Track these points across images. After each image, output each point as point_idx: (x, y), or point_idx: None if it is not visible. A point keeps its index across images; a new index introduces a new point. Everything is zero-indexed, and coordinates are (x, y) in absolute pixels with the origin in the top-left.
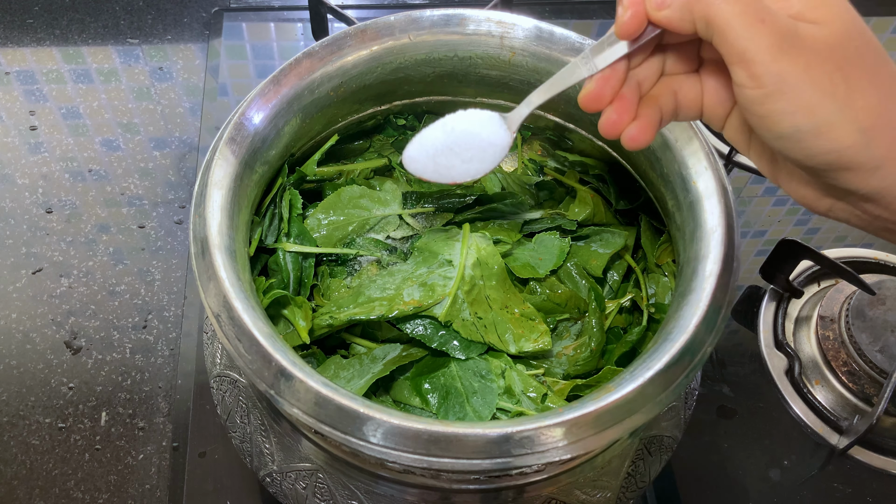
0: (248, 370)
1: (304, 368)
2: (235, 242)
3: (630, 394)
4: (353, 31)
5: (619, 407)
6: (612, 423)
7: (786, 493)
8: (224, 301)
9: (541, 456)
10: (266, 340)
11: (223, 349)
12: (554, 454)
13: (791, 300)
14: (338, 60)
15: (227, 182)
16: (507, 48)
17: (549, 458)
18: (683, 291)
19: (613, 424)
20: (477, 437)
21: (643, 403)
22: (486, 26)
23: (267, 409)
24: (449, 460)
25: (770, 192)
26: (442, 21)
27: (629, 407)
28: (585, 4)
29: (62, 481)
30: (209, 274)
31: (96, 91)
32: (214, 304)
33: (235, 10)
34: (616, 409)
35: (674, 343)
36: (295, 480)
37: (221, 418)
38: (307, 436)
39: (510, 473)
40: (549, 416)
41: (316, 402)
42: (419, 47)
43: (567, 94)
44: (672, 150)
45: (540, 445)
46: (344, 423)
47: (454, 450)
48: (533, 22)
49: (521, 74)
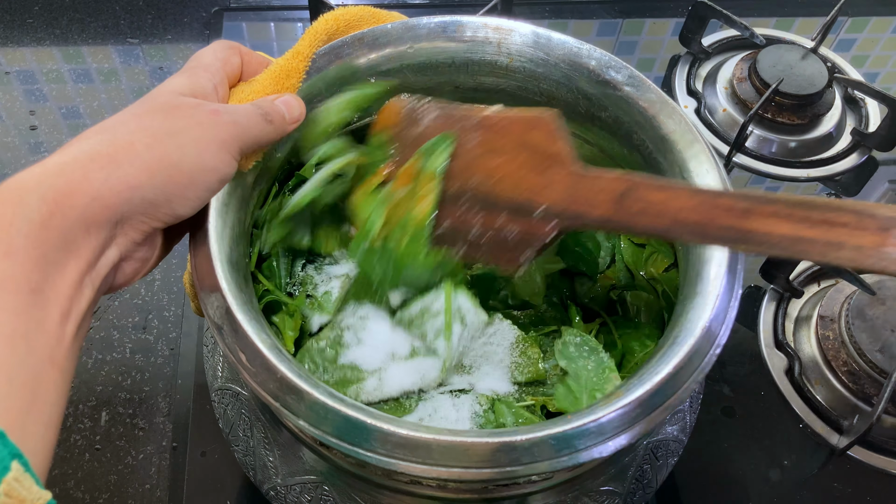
0: (251, 382)
1: (309, 379)
2: (237, 253)
3: (638, 399)
4: (351, 40)
5: (626, 413)
6: (619, 429)
7: (786, 493)
8: (226, 312)
9: (548, 464)
10: (270, 352)
11: (224, 362)
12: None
13: (791, 300)
14: (336, 71)
15: (227, 193)
16: (504, 54)
17: (556, 467)
18: (688, 295)
19: (621, 431)
20: (483, 445)
21: (651, 409)
22: (484, 32)
23: (270, 422)
24: (457, 470)
25: (770, 191)
26: (439, 28)
27: (637, 413)
28: (585, 4)
29: (62, 481)
30: (210, 287)
31: (96, 91)
32: (216, 316)
33: (235, 9)
34: (624, 416)
35: (681, 347)
36: (300, 493)
37: (223, 431)
38: (312, 448)
39: (518, 482)
40: (556, 423)
41: (322, 413)
42: (417, 55)
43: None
44: (674, 153)
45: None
46: (350, 434)
47: (461, 459)
48: (530, 28)
49: (520, 80)
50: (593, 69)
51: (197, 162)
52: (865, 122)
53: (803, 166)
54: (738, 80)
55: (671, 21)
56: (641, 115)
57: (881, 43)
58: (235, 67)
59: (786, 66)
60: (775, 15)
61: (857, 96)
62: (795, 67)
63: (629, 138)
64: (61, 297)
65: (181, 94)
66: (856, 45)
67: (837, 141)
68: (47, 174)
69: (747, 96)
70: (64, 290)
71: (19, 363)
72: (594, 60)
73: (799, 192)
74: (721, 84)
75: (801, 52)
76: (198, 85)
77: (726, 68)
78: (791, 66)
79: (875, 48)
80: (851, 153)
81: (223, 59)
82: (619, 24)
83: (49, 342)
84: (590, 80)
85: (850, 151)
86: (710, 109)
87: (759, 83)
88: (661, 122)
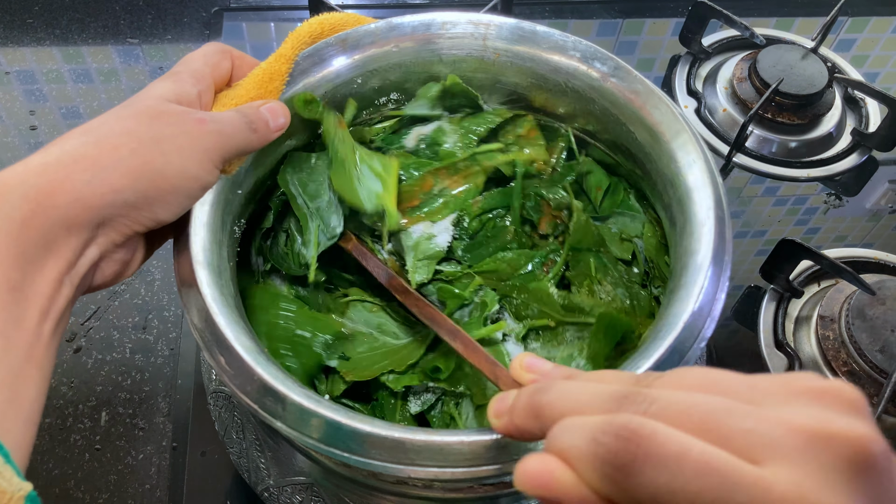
0: (230, 385)
1: (286, 382)
2: (220, 258)
3: None
4: (334, 41)
5: None
6: None
7: None
8: (207, 316)
9: None
10: (248, 354)
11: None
12: None
13: (791, 300)
14: (320, 71)
15: (210, 198)
16: (490, 49)
17: None
18: (673, 288)
19: None
20: (463, 444)
21: None
22: (468, 28)
23: (260, 424)
24: (433, 469)
25: (770, 192)
26: (423, 26)
27: None
28: (585, 4)
29: (62, 481)
30: (192, 291)
31: (96, 91)
32: (197, 318)
33: (235, 9)
34: None
35: (663, 341)
36: (291, 494)
37: (219, 434)
38: (300, 449)
39: (504, 480)
40: None
41: (299, 415)
42: (402, 54)
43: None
44: (661, 143)
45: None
46: (328, 436)
47: (437, 458)
48: (514, 21)
49: (509, 76)
50: (579, 61)
51: (180, 170)
52: (865, 122)
53: (803, 166)
54: (738, 80)
55: (671, 21)
56: (628, 106)
57: (881, 43)
58: (224, 72)
59: (786, 66)
60: (775, 15)
61: (858, 96)
62: (795, 67)
63: (618, 129)
64: (40, 295)
65: (167, 100)
66: (856, 45)
67: (837, 141)
68: (30, 173)
69: (747, 96)
70: (43, 288)
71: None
72: (579, 52)
73: (799, 192)
74: (721, 84)
75: (801, 52)
76: (182, 91)
77: (726, 68)
78: (791, 66)
79: (875, 48)
80: (851, 153)
81: (213, 64)
82: (619, 24)
83: (28, 340)
84: (576, 72)
85: (850, 151)
86: (710, 109)
87: (759, 83)
88: (648, 112)
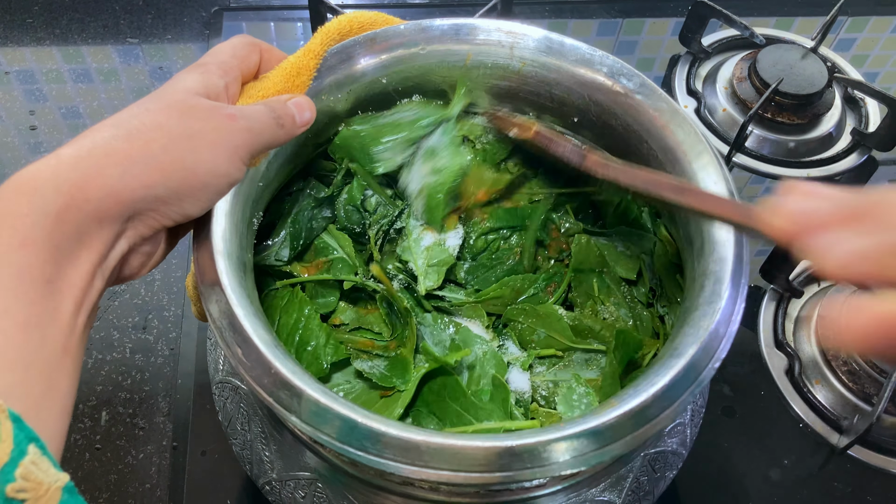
0: (247, 377)
1: (304, 377)
2: (240, 249)
3: (633, 410)
4: (363, 39)
5: (622, 423)
6: (614, 438)
7: (786, 493)
8: (226, 307)
9: (541, 470)
10: (266, 348)
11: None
12: (555, 469)
13: (791, 300)
14: (347, 69)
15: (233, 189)
16: (517, 58)
17: (550, 473)
18: (689, 307)
19: (616, 440)
20: (478, 449)
21: (647, 419)
22: (496, 36)
23: (267, 417)
24: (446, 473)
25: (770, 191)
26: (452, 30)
27: (632, 423)
28: (585, 4)
29: None
30: (212, 280)
31: (96, 91)
32: (216, 311)
33: (235, 9)
34: (619, 425)
35: (679, 360)
36: (294, 489)
37: (223, 425)
38: (307, 444)
39: (511, 487)
40: (552, 430)
41: (314, 410)
42: (429, 56)
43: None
44: (682, 163)
45: (541, 459)
46: (342, 432)
47: (451, 462)
48: (543, 32)
49: (532, 86)
50: (605, 76)
51: (211, 167)
52: (865, 121)
53: (803, 166)
54: (737, 79)
55: (671, 21)
56: (651, 123)
57: (881, 43)
58: (253, 65)
59: (786, 66)
60: (775, 14)
61: (857, 96)
62: (795, 67)
63: (639, 146)
64: (75, 288)
65: (195, 93)
66: (856, 45)
67: (837, 141)
68: (62, 166)
69: (747, 96)
70: (77, 281)
71: (35, 352)
72: (606, 67)
73: None
74: (721, 84)
75: (800, 52)
76: (210, 83)
77: (726, 68)
78: (791, 65)
79: (875, 48)
80: (851, 153)
81: (241, 57)
82: (619, 24)
83: (63, 332)
84: (601, 86)
85: (849, 151)
86: (710, 109)
87: (758, 83)
88: (671, 131)
